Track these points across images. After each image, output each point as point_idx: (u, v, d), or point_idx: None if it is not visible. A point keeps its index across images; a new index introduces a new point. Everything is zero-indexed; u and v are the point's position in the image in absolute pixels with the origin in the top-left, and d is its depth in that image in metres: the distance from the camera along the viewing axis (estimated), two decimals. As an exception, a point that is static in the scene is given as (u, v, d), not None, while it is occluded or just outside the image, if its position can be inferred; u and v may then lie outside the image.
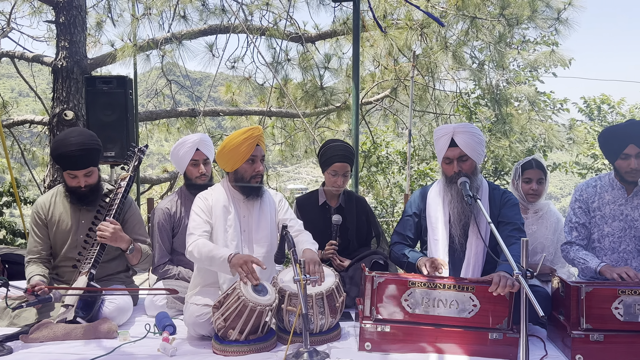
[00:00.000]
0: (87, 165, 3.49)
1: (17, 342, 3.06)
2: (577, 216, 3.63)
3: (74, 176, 3.50)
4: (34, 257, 3.62)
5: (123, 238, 3.49)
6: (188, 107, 9.49)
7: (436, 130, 3.49)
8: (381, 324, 2.99)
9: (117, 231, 3.45)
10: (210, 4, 8.47)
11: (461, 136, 3.35)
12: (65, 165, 3.48)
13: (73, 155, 3.40)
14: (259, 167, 3.34)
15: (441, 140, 3.41)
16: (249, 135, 3.26)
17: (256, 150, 3.31)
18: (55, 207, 3.66)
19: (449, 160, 3.42)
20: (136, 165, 3.76)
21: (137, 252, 3.61)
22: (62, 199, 3.68)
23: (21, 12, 9.81)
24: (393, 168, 13.85)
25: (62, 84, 7.20)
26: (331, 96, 9.31)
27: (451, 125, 3.45)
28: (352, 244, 4.09)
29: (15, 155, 10.36)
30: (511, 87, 10.04)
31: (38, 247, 3.64)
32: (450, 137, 3.36)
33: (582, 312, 2.92)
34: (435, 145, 3.49)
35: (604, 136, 3.58)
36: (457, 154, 3.38)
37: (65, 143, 3.41)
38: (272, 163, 13.33)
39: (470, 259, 3.42)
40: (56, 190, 3.74)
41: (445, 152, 3.40)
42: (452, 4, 8.12)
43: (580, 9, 8.61)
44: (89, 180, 3.54)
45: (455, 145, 3.36)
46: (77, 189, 3.55)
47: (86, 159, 3.46)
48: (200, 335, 3.16)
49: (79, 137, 3.44)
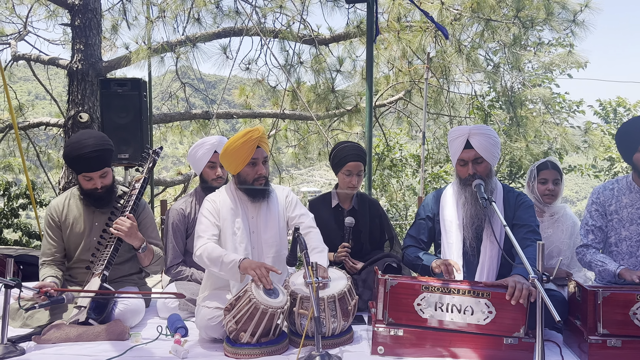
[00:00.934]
0: (102, 167, 3.49)
1: (30, 343, 3.07)
2: (593, 219, 3.57)
3: (90, 178, 3.51)
4: (47, 260, 3.63)
5: (137, 235, 3.49)
6: (202, 110, 9.52)
7: (451, 132, 3.44)
8: (394, 327, 2.96)
9: (134, 227, 3.45)
10: (224, 7, 8.50)
11: (476, 138, 3.31)
12: (81, 168, 3.48)
13: (88, 157, 3.40)
14: (261, 169, 3.30)
15: (456, 142, 3.37)
16: (248, 138, 3.22)
17: (257, 153, 3.27)
18: (69, 210, 3.67)
19: (464, 162, 3.38)
20: (150, 167, 3.76)
21: (149, 253, 3.61)
22: (76, 201, 3.69)
23: (37, 16, 9.92)
24: (407, 171, 13.78)
25: (77, 86, 7.25)
26: (343, 99, 9.29)
27: (466, 126, 3.40)
28: (365, 247, 4.06)
29: (30, 157, 10.46)
30: (526, 89, 9.95)
31: (52, 250, 3.64)
32: (466, 138, 3.32)
33: (599, 317, 2.87)
34: (450, 147, 3.45)
35: (620, 133, 3.53)
36: (472, 156, 3.34)
37: (79, 146, 3.40)
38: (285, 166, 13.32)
39: (485, 262, 3.38)
40: (70, 193, 3.75)
41: (460, 153, 3.36)
42: (467, 6, 8.07)
43: (596, 11, 8.53)
44: (104, 181, 3.54)
45: (471, 147, 3.32)
46: (93, 191, 3.55)
47: (101, 160, 3.46)
48: (212, 337, 3.15)
49: (92, 139, 3.44)
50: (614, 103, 14.95)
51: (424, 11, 6.50)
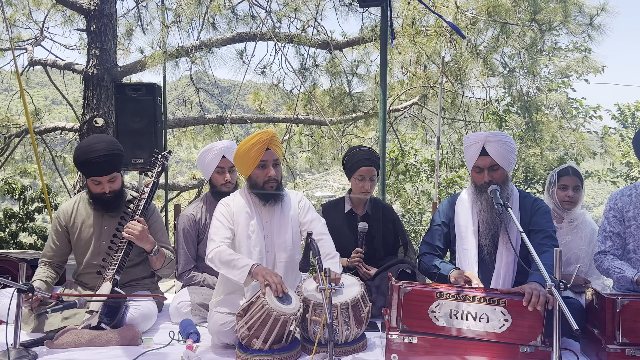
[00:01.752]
0: (111, 171, 3.50)
1: (42, 348, 3.07)
2: (611, 225, 3.50)
3: (99, 182, 3.51)
4: (45, 260, 3.70)
5: (149, 239, 3.49)
6: (216, 115, 9.54)
7: (466, 138, 3.40)
8: (408, 335, 2.91)
9: (145, 231, 3.45)
10: (239, 11, 8.52)
11: (492, 145, 3.26)
12: (90, 172, 3.49)
13: (97, 161, 3.41)
14: (270, 171, 3.28)
15: (472, 149, 3.32)
16: (257, 140, 3.21)
17: (266, 155, 3.25)
18: (77, 214, 3.68)
19: (479, 169, 3.34)
20: (159, 171, 3.76)
21: (161, 256, 3.60)
22: (85, 205, 3.69)
23: (54, 21, 10.02)
24: (421, 176, 13.71)
25: (92, 91, 7.30)
26: (359, 102, 9.26)
27: (482, 133, 3.35)
28: (379, 253, 4.02)
29: (47, 161, 10.55)
30: (542, 94, 9.87)
31: (51, 252, 3.70)
32: (482, 145, 3.28)
33: (617, 326, 2.81)
34: (465, 153, 3.41)
35: (637, 137, 3.47)
36: (488, 163, 3.30)
37: (89, 150, 3.42)
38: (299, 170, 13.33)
39: (501, 269, 3.34)
40: (79, 197, 3.76)
41: (476, 160, 3.32)
42: (482, 10, 8.01)
43: (613, 14, 8.44)
44: (113, 186, 3.55)
45: (486, 154, 3.28)
46: (101, 195, 3.56)
47: (110, 164, 3.47)
48: (224, 343, 3.13)
49: (103, 144, 3.45)
50: (632, 107, 14.80)
51: (437, 14, 6.45)
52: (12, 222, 9.38)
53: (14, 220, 9.39)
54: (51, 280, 3.61)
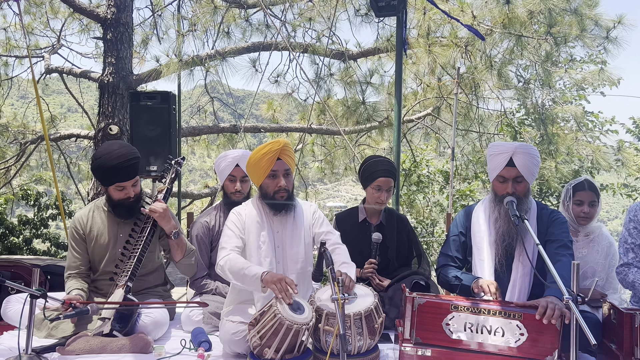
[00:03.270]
0: (134, 175, 3.53)
1: (54, 354, 3.07)
2: (632, 237, 3.45)
3: (123, 188, 3.52)
4: (73, 272, 3.65)
5: (171, 219, 3.52)
6: (230, 124, 9.57)
7: (493, 146, 3.35)
8: (422, 347, 2.88)
9: (167, 210, 3.49)
10: (254, 21, 8.56)
11: (520, 157, 3.22)
12: (113, 179, 3.49)
13: (121, 167, 3.43)
14: (280, 181, 3.26)
15: (498, 158, 3.28)
16: (268, 150, 3.21)
17: (277, 165, 3.24)
18: (93, 222, 3.68)
19: (504, 179, 3.30)
20: (173, 178, 3.76)
21: (182, 243, 3.62)
22: (100, 213, 3.70)
23: (71, 30, 10.12)
24: (434, 187, 13.64)
25: (108, 99, 7.34)
26: (373, 112, 9.25)
27: (512, 144, 3.30)
28: (392, 264, 3.99)
29: (61, 168, 10.62)
30: (557, 106, 9.80)
31: (77, 262, 3.66)
32: (510, 156, 3.23)
33: (636, 341, 2.76)
34: (490, 161, 3.36)
35: None
36: (514, 175, 3.26)
37: (111, 157, 3.42)
38: (311, 180, 13.30)
39: (517, 280, 3.30)
40: (94, 205, 3.76)
41: (501, 170, 3.28)
42: (497, 22, 7.99)
43: (630, 27, 8.38)
44: (136, 190, 3.58)
45: (513, 165, 3.24)
46: (125, 200, 3.56)
47: (133, 168, 3.50)
48: (236, 353, 3.11)
49: (124, 149, 3.47)
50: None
51: (456, 18, 6.41)
52: (26, 229, 9.43)
53: (28, 226, 9.45)
54: (86, 290, 3.57)
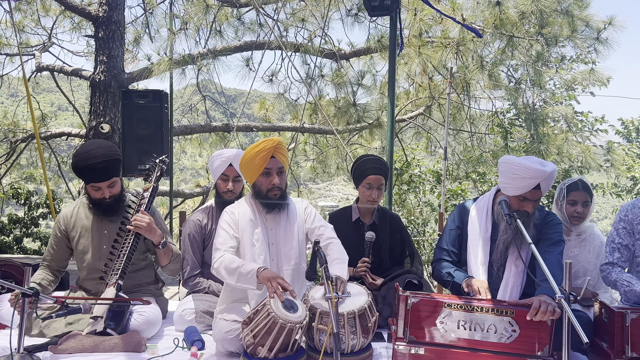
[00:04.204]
0: (110, 177, 3.49)
1: (46, 353, 3.06)
2: (620, 237, 3.48)
3: (98, 188, 3.51)
4: (44, 263, 3.74)
5: (157, 230, 3.49)
6: (222, 123, 9.56)
7: (520, 168, 3.20)
8: (415, 345, 2.89)
9: (152, 222, 3.46)
10: (246, 20, 8.55)
11: (547, 182, 3.19)
12: (89, 178, 3.48)
13: (96, 167, 3.41)
14: (274, 179, 3.26)
15: (526, 181, 3.19)
16: (262, 148, 3.21)
17: (270, 163, 3.24)
18: (77, 218, 3.67)
19: (525, 199, 3.26)
20: (158, 176, 3.75)
21: (169, 250, 3.61)
22: (85, 210, 3.69)
23: (62, 28, 10.07)
24: (425, 187, 13.67)
25: (99, 97, 7.31)
26: (364, 113, 9.27)
27: (542, 170, 3.15)
28: (385, 262, 4.00)
29: (52, 167, 10.56)
30: (548, 106, 9.85)
31: (49, 257, 3.72)
32: (538, 182, 3.18)
33: (627, 340, 2.79)
34: (512, 179, 3.25)
35: None
36: (538, 197, 3.25)
37: (87, 156, 3.41)
38: (303, 180, 13.30)
39: (509, 279, 3.32)
40: (79, 202, 3.76)
41: (526, 192, 3.22)
42: (489, 22, 8.02)
43: (620, 29, 8.44)
44: (112, 191, 3.54)
45: (539, 188, 3.21)
46: (101, 200, 3.55)
47: (109, 170, 3.46)
48: (229, 351, 3.11)
49: (100, 150, 3.44)
50: (636, 122, 14.77)
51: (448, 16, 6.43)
52: (17, 227, 9.38)
53: (19, 225, 9.40)
54: (46, 283, 3.62)
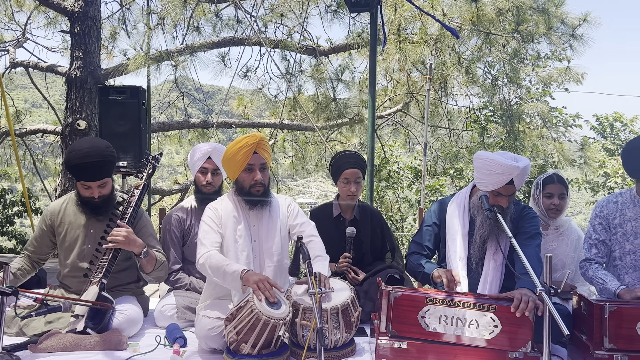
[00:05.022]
0: (102, 177, 3.44)
1: (26, 352, 3.01)
2: (597, 233, 3.53)
3: (88, 187, 3.45)
4: (25, 252, 3.71)
5: (136, 242, 3.40)
6: (201, 119, 9.49)
7: (494, 164, 3.23)
8: (398, 340, 2.91)
9: (130, 234, 3.37)
10: (224, 16, 8.50)
11: (520, 177, 3.23)
12: (80, 176, 3.42)
13: (89, 167, 3.35)
14: (256, 175, 3.24)
15: (499, 177, 3.23)
16: (244, 144, 3.19)
17: (253, 159, 3.23)
18: (65, 214, 3.62)
19: (498, 194, 3.29)
20: (150, 174, 3.71)
21: (151, 259, 3.53)
22: (72, 206, 3.63)
23: (36, 23, 9.91)
24: (402, 183, 13.75)
25: (75, 93, 7.22)
26: (343, 109, 9.28)
27: (515, 166, 3.19)
28: (367, 257, 4.02)
29: (27, 165, 10.39)
30: (524, 103, 9.97)
31: (31, 247, 3.69)
32: (511, 177, 3.22)
33: (605, 332, 2.83)
34: (486, 175, 3.28)
35: (625, 150, 3.49)
36: (511, 192, 3.28)
37: (82, 154, 3.34)
38: (281, 177, 13.30)
39: (488, 273, 3.35)
40: (68, 197, 3.70)
41: (499, 188, 3.26)
42: (467, 19, 8.08)
43: (595, 25, 8.57)
44: (102, 191, 3.49)
45: (512, 184, 3.25)
46: (90, 199, 3.50)
47: (102, 170, 3.41)
48: (212, 348, 3.10)
49: (91, 150, 3.37)
50: (610, 118, 15.00)
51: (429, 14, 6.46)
52: (-9, 226, 9.23)
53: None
54: (21, 273, 3.58)
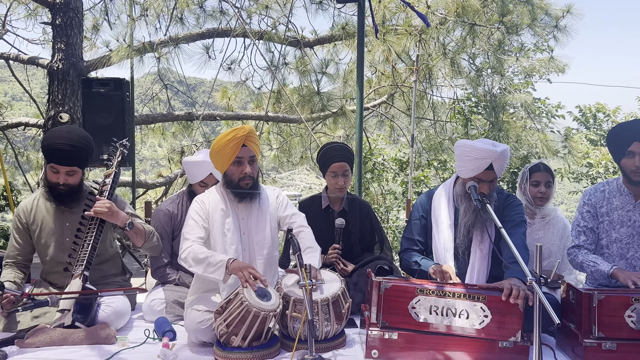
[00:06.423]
0: (72, 164, 3.38)
1: (12, 347, 2.97)
2: (585, 220, 3.57)
3: (56, 171, 3.39)
4: (10, 262, 3.57)
5: (119, 214, 3.38)
6: (185, 112, 9.41)
7: (472, 149, 3.28)
8: (388, 331, 2.91)
9: (113, 206, 3.35)
10: (208, 7, 8.42)
11: (499, 162, 3.26)
12: (51, 158, 3.37)
13: (59, 149, 3.30)
14: (245, 168, 3.21)
15: (478, 162, 3.27)
16: (233, 136, 3.16)
17: (242, 152, 3.20)
18: (37, 210, 3.55)
19: (479, 180, 3.32)
20: (120, 161, 3.65)
21: (139, 231, 3.49)
22: (44, 201, 3.56)
23: (16, 15, 9.73)
24: (387, 175, 13.77)
25: (57, 86, 7.09)
26: (328, 101, 9.24)
27: (493, 150, 3.24)
28: (356, 249, 4.02)
29: (9, 158, 10.25)
30: (508, 94, 10.01)
31: (15, 252, 3.57)
32: (490, 162, 3.25)
33: (594, 320, 2.85)
34: (465, 161, 3.33)
35: (610, 134, 3.54)
36: (491, 178, 3.31)
37: (56, 136, 3.33)
38: (266, 169, 13.24)
39: (475, 263, 3.38)
40: (38, 193, 3.63)
41: (479, 174, 3.29)
42: (451, 10, 8.09)
43: (578, 17, 8.64)
44: (69, 180, 3.42)
45: (492, 169, 3.27)
46: (55, 185, 3.42)
47: (72, 157, 3.35)
48: (202, 341, 3.08)
49: (68, 134, 3.34)
50: (593, 109, 15.13)
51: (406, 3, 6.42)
52: (-28, 221, 9.10)
53: (-26, 218, 9.12)
54: (19, 281, 3.49)
